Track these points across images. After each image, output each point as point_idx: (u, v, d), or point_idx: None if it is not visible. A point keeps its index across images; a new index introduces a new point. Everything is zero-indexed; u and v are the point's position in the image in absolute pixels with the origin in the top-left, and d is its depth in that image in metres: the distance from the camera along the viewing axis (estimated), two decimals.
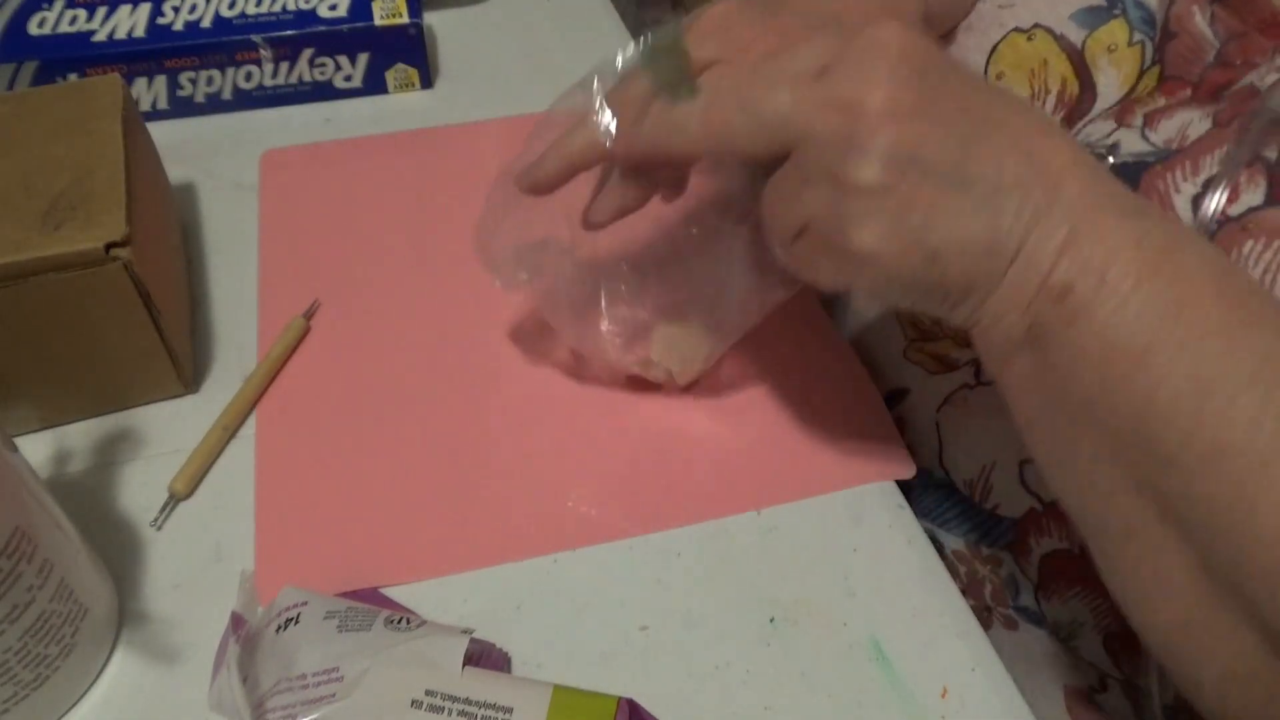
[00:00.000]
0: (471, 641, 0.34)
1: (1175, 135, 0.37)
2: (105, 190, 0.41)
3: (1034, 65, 0.42)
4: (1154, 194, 0.36)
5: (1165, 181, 0.36)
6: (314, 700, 0.33)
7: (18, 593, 0.32)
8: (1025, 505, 0.43)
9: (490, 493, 0.43)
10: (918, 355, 0.49)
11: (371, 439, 0.45)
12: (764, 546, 0.41)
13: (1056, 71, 0.41)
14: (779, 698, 0.37)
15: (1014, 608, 0.44)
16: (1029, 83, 0.42)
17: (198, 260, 0.53)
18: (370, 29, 0.61)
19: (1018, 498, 0.43)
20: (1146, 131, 0.38)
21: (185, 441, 0.44)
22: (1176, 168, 0.36)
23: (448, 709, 0.33)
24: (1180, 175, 0.36)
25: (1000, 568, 0.45)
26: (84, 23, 0.59)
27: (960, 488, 0.46)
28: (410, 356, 0.48)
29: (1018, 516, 0.43)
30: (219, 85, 0.61)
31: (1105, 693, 0.42)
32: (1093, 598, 0.41)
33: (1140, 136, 0.38)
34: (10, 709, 0.34)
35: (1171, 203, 0.36)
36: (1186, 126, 0.37)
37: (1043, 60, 0.41)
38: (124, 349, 0.43)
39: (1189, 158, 0.36)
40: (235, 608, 0.36)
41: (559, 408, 0.46)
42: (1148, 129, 0.38)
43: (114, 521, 0.42)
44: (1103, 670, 0.42)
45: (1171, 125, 0.37)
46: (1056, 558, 0.42)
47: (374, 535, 0.41)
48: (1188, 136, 0.37)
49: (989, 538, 0.45)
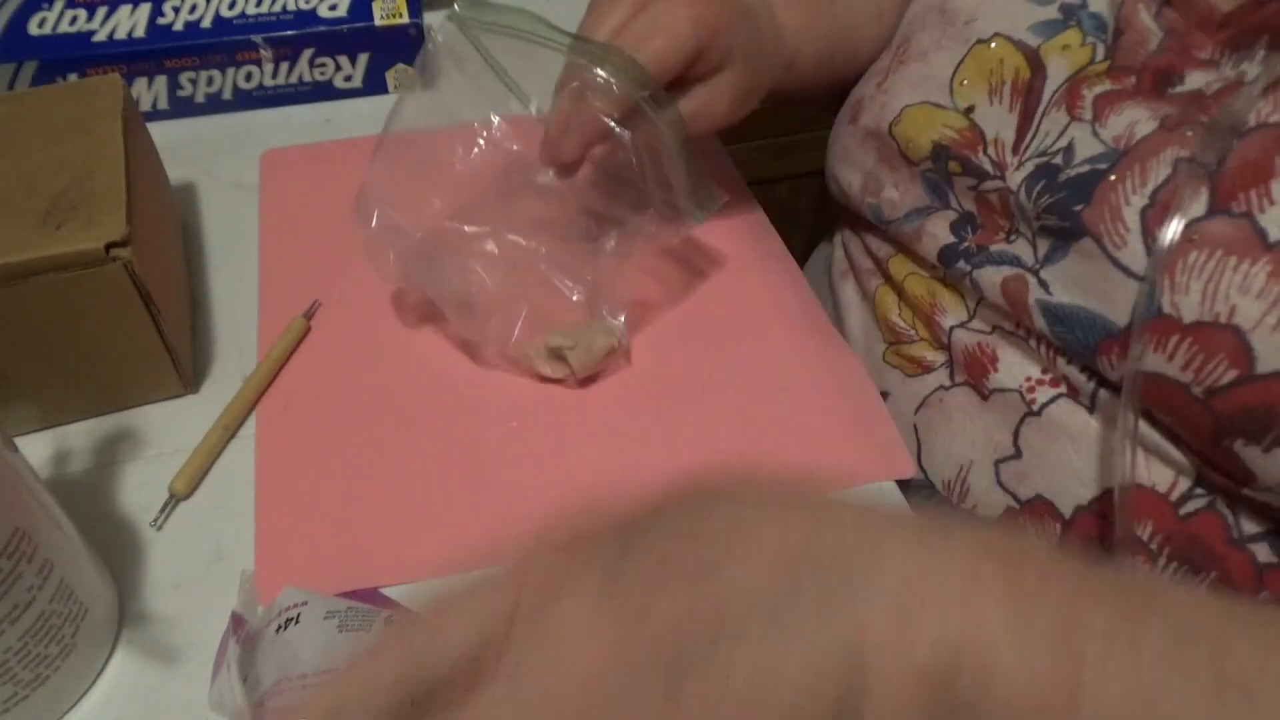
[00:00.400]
0: None
1: (1124, 133, 0.38)
2: (105, 190, 0.41)
3: (992, 65, 0.44)
4: (1105, 205, 0.38)
5: (1117, 195, 0.38)
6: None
7: (18, 593, 0.32)
8: (1002, 504, 0.43)
9: (490, 492, 0.43)
10: (895, 359, 0.49)
11: (372, 439, 0.45)
12: None
13: (1011, 65, 0.43)
14: None
15: None
16: (987, 79, 0.44)
17: (198, 260, 0.53)
18: (370, 29, 0.61)
19: (994, 497, 0.44)
20: (1097, 127, 0.39)
21: (185, 441, 0.44)
22: (1126, 176, 0.37)
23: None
24: (1130, 187, 0.37)
25: None
26: (84, 23, 0.59)
27: (939, 489, 0.46)
28: (410, 356, 0.48)
29: (995, 517, 0.44)
30: (219, 85, 0.61)
31: None
32: None
33: (1092, 133, 0.39)
34: (10, 709, 0.34)
35: (1121, 215, 0.37)
36: (1134, 124, 0.38)
37: (999, 59, 0.43)
38: (124, 349, 0.43)
39: (1137, 162, 0.37)
40: (235, 607, 0.36)
41: (559, 407, 0.46)
42: (1098, 124, 0.39)
43: (114, 521, 0.42)
44: None
45: (1120, 122, 0.39)
46: None
47: (374, 535, 0.41)
48: (1134, 135, 0.38)
49: None
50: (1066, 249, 0.39)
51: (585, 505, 0.25)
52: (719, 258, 0.54)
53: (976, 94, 0.44)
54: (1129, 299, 0.37)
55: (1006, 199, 0.42)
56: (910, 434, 0.48)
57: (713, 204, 0.44)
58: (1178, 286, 0.35)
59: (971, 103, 0.44)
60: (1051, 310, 0.40)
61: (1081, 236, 0.38)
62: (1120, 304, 0.37)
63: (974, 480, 0.44)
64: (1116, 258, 0.37)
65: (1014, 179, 0.41)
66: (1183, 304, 0.35)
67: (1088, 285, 0.39)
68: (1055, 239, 0.40)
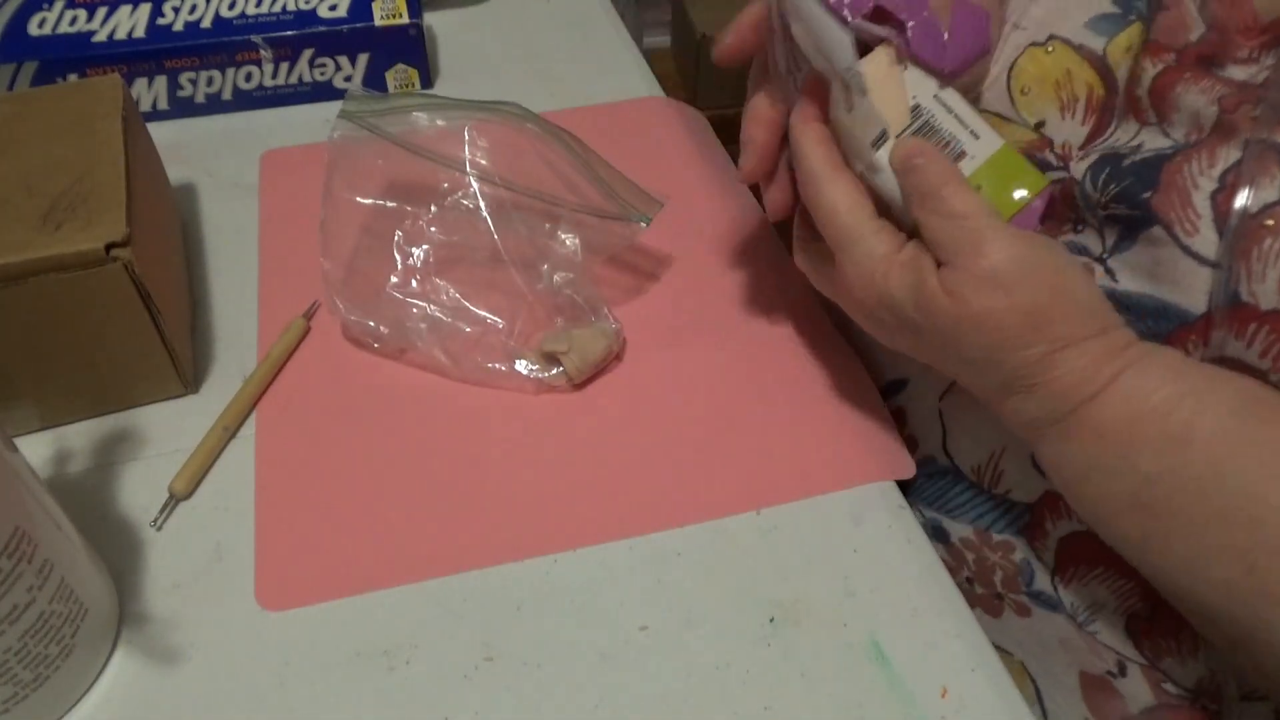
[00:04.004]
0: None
1: (1191, 127, 0.38)
2: (105, 190, 0.41)
3: (1058, 77, 0.42)
4: (1174, 189, 0.37)
5: (1184, 175, 0.37)
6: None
7: (18, 593, 0.32)
8: (1040, 489, 0.43)
9: (490, 492, 0.43)
10: None
11: (371, 439, 0.45)
12: (764, 546, 0.41)
13: (1082, 80, 0.42)
14: (779, 698, 0.37)
15: (1027, 593, 0.44)
16: (1056, 94, 0.42)
17: (198, 260, 0.53)
18: (370, 29, 0.61)
19: (1031, 481, 0.43)
20: (1166, 128, 0.39)
21: (185, 441, 0.44)
22: (1193, 158, 0.37)
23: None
24: (1197, 168, 0.37)
25: (1013, 553, 0.44)
26: (84, 23, 0.59)
27: (967, 474, 0.46)
28: (410, 356, 0.48)
29: (1032, 500, 0.43)
30: (219, 85, 0.61)
31: (1124, 677, 0.42)
32: (1115, 579, 0.41)
33: (1162, 134, 0.39)
34: (10, 709, 0.34)
35: (1190, 200, 0.37)
36: (1199, 117, 0.38)
37: (1066, 71, 0.42)
38: (124, 349, 0.43)
39: (1205, 149, 0.37)
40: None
41: (560, 407, 0.46)
42: (1165, 125, 0.39)
43: (114, 521, 0.42)
44: (1122, 655, 0.41)
45: (1183, 117, 0.38)
46: (1075, 539, 0.42)
47: (374, 535, 0.41)
48: (1203, 129, 0.38)
49: (1000, 523, 0.45)
50: (1134, 237, 0.39)
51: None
52: (718, 258, 0.54)
53: (1046, 108, 0.43)
54: (1201, 286, 0.37)
55: (1070, 190, 0.41)
56: (934, 420, 0.47)
57: (654, 209, 0.48)
58: (1254, 274, 0.35)
59: (1042, 118, 0.43)
60: (1119, 299, 0.39)
61: (1151, 225, 0.38)
62: (1191, 291, 0.37)
63: (1007, 465, 0.44)
64: (1188, 245, 0.37)
65: (1078, 169, 0.41)
66: (1260, 291, 0.35)
67: (1157, 273, 0.38)
68: (1123, 227, 0.39)
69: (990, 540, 0.45)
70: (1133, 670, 0.41)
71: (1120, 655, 0.41)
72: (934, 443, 0.47)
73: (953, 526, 0.46)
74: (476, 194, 0.47)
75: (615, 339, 0.47)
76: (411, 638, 0.38)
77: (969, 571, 0.46)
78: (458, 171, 0.47)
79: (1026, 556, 0.44)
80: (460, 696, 0.37)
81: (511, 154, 0.47)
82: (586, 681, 0.37)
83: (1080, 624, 0.42)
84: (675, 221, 0.54)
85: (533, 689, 0.37)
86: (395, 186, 0.48)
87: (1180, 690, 0.40)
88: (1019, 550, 0.44)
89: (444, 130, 0.47)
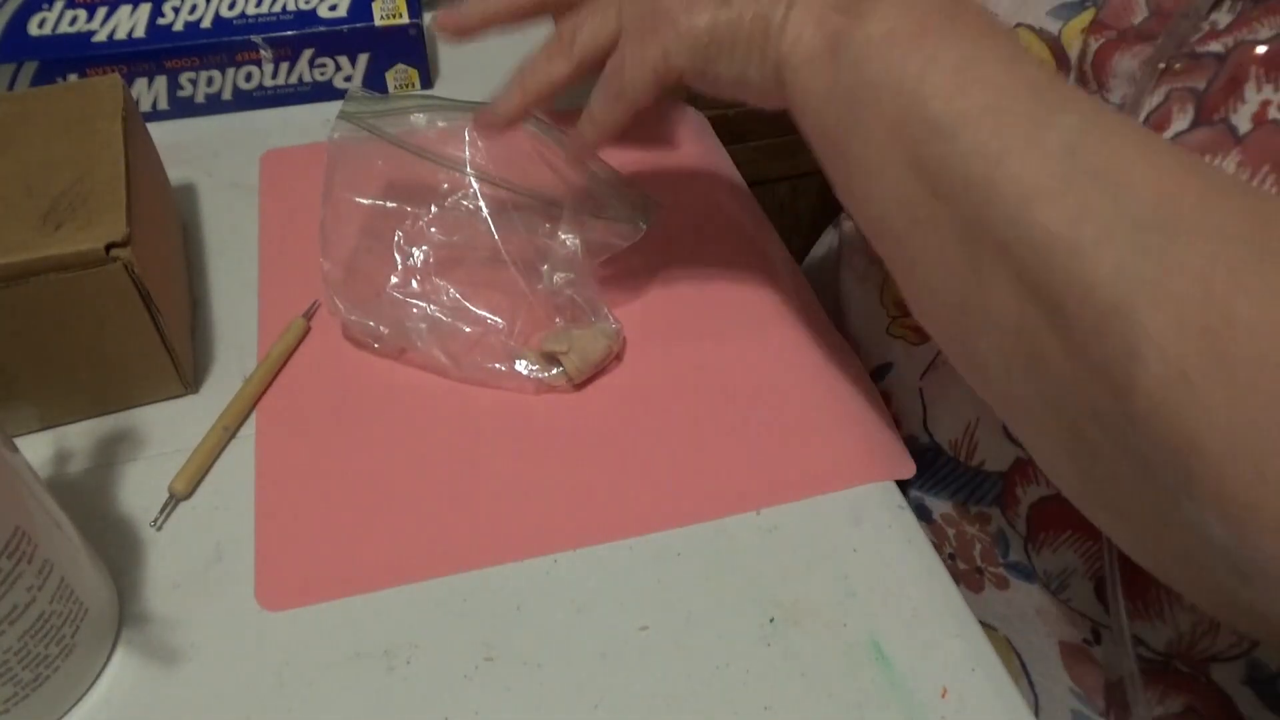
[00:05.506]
0: None
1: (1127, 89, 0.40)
2: (105, 190, 0.41)
3: None
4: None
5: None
6: None
7: (18, 593, 0.32)
8: (1010, 456, 0.44)
9: (491, 492, 0.43)
10: (899, 330, 0.50)
11: (372, 439, 0.45)
12: (764, 546, 0.41)
13: (1036, 55, 0.43)
14: (779, 698, 0.37)
15: (1004, 564, 0.45)
16: None
17: (198, 260, 0.53)
18: (370, 29, 0.61)
19: (1002, 450, 0.44)
20: (1106, 96, 0.41)
21: (185, 441, 0.44)
22: (1121, 107, 0.39)
23: None
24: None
25: (989, 524, 0.45)
26: (84, 23, 0.59)
27: (946, 449, 0.47)
28: (410, 356, 0.48)
29: (1004, 469, 0.44)
30: (219, 85, 0.61)
31: (1099, 645, 0.42)
32: (1082, 541, 0.41)
33: (1103, 100, 0.40)
34: (10, 709, 0.34)
35: None
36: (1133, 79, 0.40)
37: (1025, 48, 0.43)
38: (124, 349, 0.43)
39: (1133, 102, 0.39)
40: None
41: (560, 407, 0.46)
42: (1104, 92, 0.41)
43: (114, 521, 0.42)
44: (1095, 620, 0.42)
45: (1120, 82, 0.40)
46: (1044, 505, 0.42)
47: (375, 535, 0.41)
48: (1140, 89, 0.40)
49: (976, 495, 0.46)
50: None
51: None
52: (718, 258, 0.54)
53: None
54: None
55: None
56: (915, 399, 0.48)
57: (654, 210, 0.48)
58: None
59: None
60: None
61: None
62: None
63: (981, 436, 0.45)
64: None
65: None
66: None
67: None
68: None
69: (968, 513, 0.46)
70: (1106, 636, 0.42)
71: (1094, 621, 0.42)
72: (915, 421, 0.48)
73: (934, 504, 0.47)
74: (477, 194, 0.47)
75: (615, 339, 0.47)
76: (411, 638, 0.38)
77: (951, 548, 0.47)
78: (458, 172, 0.47)
79: (1001, 526, 0.45)
80: (460, 696, 0.37)
81: (511, 154, 0.47)
82: (586, 681, 0.37)
83: (1054, 591, 0.43)
84: (675, 222, 0.54)
85: (533, 689, 0.37)
86: (395, 187, 0.48)
87: (1153, 654, 0.40)
88: (994, 520, 0.45)
89: (444, 131, 0.47)
